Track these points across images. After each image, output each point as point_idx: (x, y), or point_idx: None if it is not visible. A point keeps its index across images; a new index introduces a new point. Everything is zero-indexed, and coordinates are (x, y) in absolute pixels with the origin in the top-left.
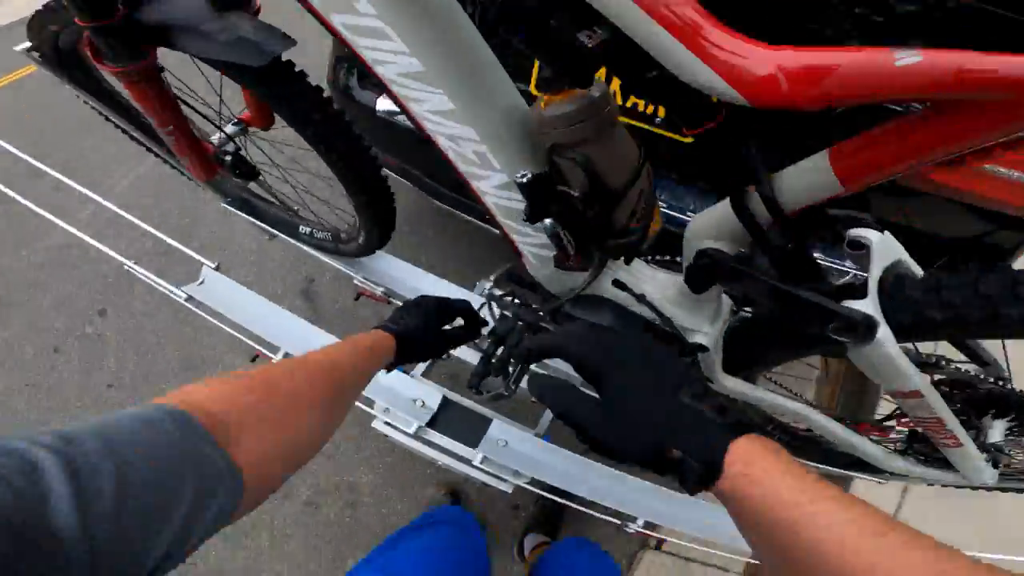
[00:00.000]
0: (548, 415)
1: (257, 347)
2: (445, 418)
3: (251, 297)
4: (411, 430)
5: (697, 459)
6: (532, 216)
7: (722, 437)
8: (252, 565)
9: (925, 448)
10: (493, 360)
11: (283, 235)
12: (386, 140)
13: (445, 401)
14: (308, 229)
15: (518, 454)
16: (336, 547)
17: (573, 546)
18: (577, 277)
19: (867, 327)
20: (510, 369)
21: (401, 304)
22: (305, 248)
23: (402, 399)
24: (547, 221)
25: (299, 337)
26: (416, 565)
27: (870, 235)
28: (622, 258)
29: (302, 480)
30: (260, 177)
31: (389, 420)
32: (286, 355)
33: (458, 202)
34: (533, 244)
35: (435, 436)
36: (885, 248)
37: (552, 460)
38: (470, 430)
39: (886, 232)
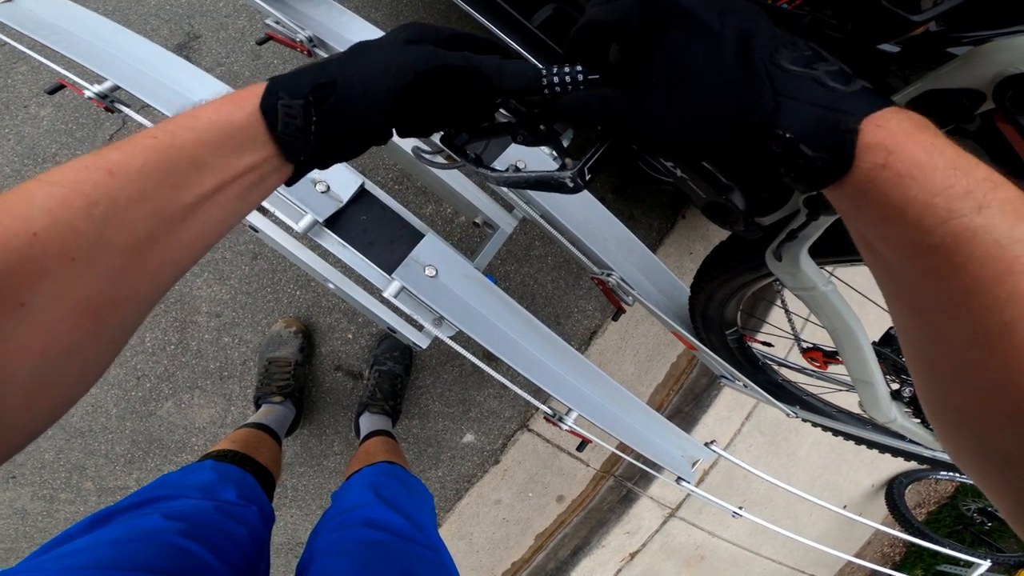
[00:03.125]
0: (496, 243)
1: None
2: (355, 219)
3: (84, 16)
4: (299, 227)
5: (814, 143)
6: None
7: (851, 109)
8: None
9: None
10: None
11: None
12: None
13: (362, 193)
14: None
15: (449, 293)
16: (151, 386)
17: (381, 474)
18: None
19: None
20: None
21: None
22: None
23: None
24: None
25: (139, 62)
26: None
27: None
28: None
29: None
30: None
31: (267, 205)
32: (114, 88)
33: None
34: None
35: (333, 243)
36: None
37: (494, 311)
38: (388, 244)
39: None
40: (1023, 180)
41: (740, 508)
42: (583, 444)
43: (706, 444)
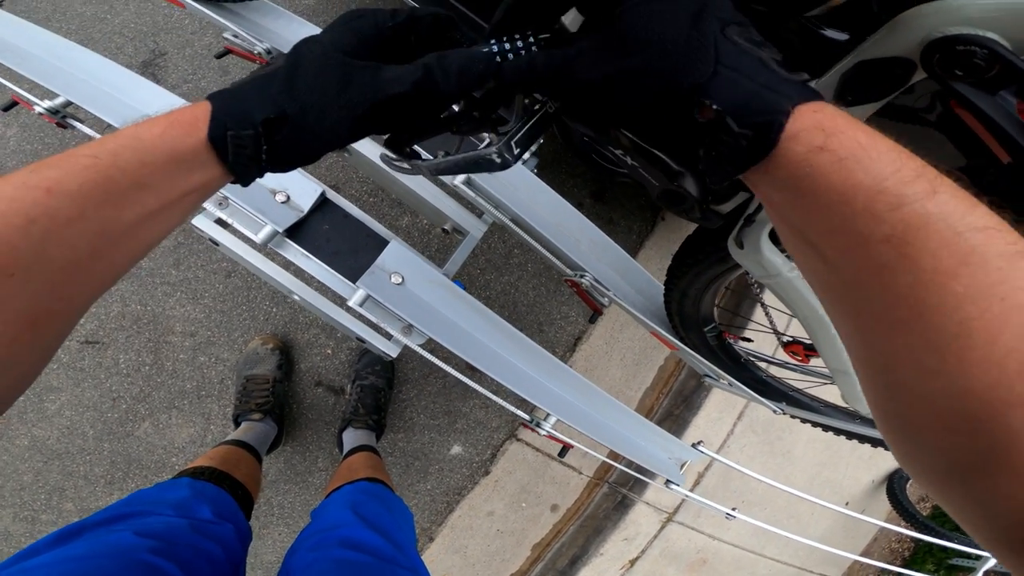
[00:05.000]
0: (465, 249)
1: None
2: (317, 228)
3: (37, 33)
4: (259, 238)
5: (743, 120)
6: None
7: (789, 93)
8: (3, 431)
9: None
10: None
11: None
12: None
13: (324, 202)
14: None
15: (416, 300)
16: (127, 407)
17: (362, 492)
18: None
19: None
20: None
21: None
22: None
23: (253, 188)
24: None
25: (91, 77)
26: None
27: None
28: None
29: None
30: None
31: (225, 218)
32: (66, 103)
33: None
34: None
35: (295, 253)
36: None
37: (462, 315)
38: (352, 253)
39: None
40: (986, 166)
41: (734, 510)
42: (564, 450)
43: (693, 445)
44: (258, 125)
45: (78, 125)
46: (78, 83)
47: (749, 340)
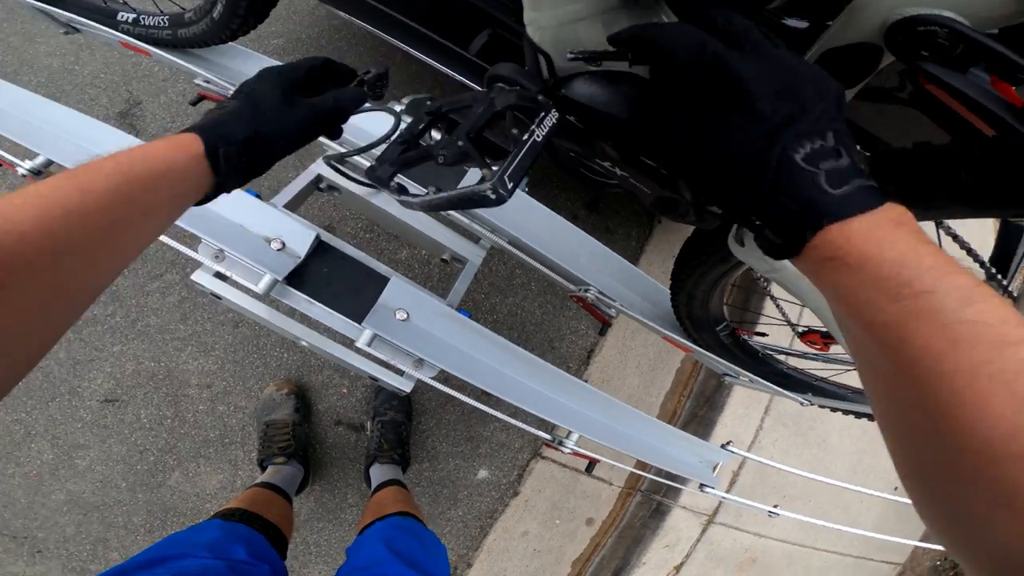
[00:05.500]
0: (467, 277)
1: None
2: (317, 272)
3: (9, 91)
4: (259, 288)
5: (775, 231)
6: None
7: (826, 211)
8: (37, 487)
9: None
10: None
11: (91, 26)
12: None
13: (320, 245)
14: (131, 16)
15: (424, 334)
16: (155, 459)
17: (395, 527)
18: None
19: None
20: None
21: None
22: (129, 42)
23: (248, 239)
24: None
25: (73, 139)
26: None
27: None
28: None
29: (97, 369)
30: None
31: (223, 271)
32: (47, 163)
33: (379, 16)
34: None
35: (298, 299)
36: None
37: (472, 344)
38: (354, 293)
39: None
40: (972, 141)
41: (775, 507)
42: (591, 464)
43: (722, 446)
44: (241, 143)
45: None
46: (57, 140)
47: (764, 335)
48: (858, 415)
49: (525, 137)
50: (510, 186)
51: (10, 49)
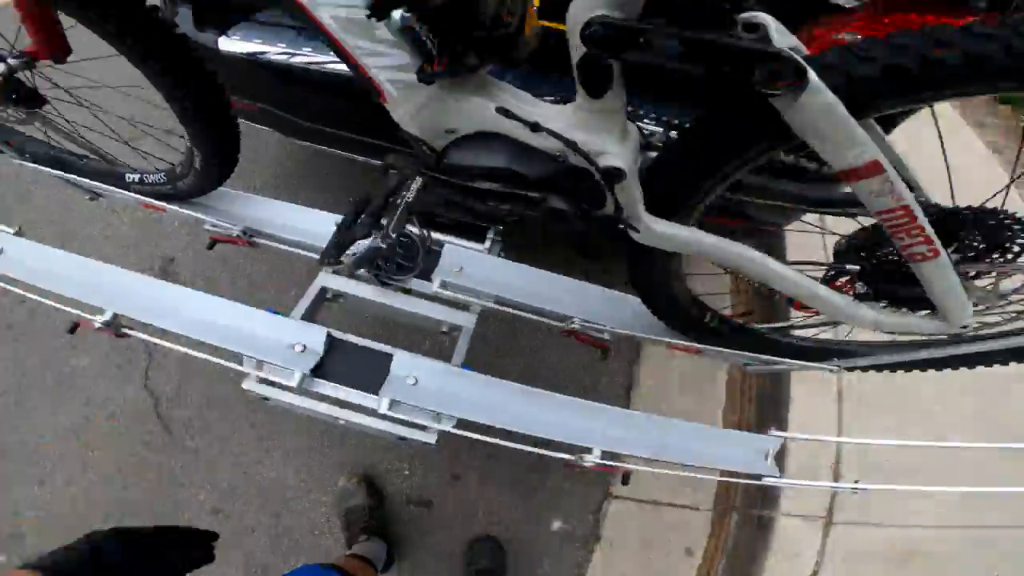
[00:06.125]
0: (464, 340)
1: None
2: (335, 362)
3: (64, 257)
4: (293, 383)
5: None
6: (377, 9)
7: None
8: None
9: (890, 284)
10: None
11: (107, 190)
12: (233, 80)
13: (331, 341)
14: (136, 175)
15: (434, 392)
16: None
17: None
18: (451, 105)
19: (796, 68)
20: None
21: None
22: (139, 199)
23: (277, 347)
24: (396, 15)
25: (127, 292)
26: None
27: (763, 17)
28: (505, 84)
29: (200, 487)
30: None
31: (264, 376)
32: (114, 316)
33: (315, 133)
34: (389, 66)
35: (326, 386)
36: (781, 30)
37: (480, 392)
38: (368, 371)
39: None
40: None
41: (857, 482)
42: (626, 477)
43: (768, 432)
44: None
45: (133, 333)
46: (118, 296)
47: (750, 312)
48: (907, 367)
49: (398, 201)
50: (394, 236)
51: (52, 223)
